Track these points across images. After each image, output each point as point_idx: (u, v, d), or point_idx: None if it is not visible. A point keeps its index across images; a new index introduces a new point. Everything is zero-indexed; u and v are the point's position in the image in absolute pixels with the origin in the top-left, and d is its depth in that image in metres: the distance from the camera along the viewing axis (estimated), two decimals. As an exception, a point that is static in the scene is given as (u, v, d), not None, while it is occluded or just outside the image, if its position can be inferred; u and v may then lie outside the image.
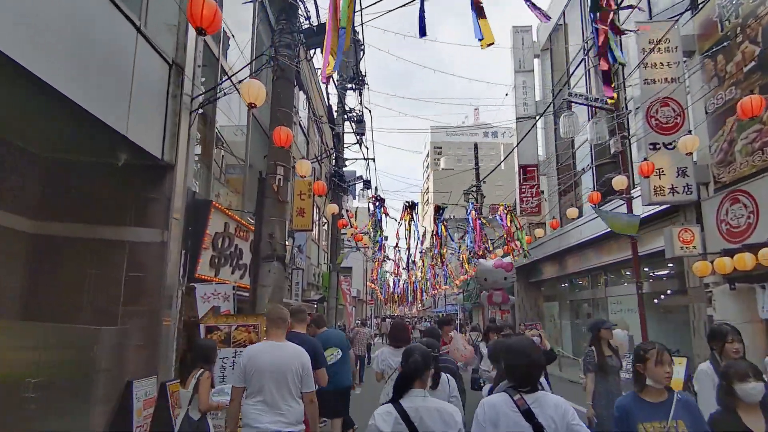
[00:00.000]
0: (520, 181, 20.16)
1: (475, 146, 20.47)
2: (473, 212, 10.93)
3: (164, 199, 5.34)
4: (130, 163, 5.30)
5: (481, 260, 5.70)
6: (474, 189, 20.48)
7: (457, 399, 3.27)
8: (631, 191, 12.01)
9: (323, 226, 16.80)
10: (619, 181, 7.44)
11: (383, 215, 10.56)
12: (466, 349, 5.40)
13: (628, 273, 12.98)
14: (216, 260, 6.64)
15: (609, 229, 12.01)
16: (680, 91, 7.56)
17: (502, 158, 18.21)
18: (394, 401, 2.22)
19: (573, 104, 9.64)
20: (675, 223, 8.41)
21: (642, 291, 7.81)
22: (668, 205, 7.95)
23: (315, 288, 16.86)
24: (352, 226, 12.03)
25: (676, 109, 7.50)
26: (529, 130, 18.91)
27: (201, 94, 5.77)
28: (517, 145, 18.75)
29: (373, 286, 32.40)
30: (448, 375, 3.40)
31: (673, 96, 7.52)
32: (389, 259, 26.51)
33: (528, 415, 2.07)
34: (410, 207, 10.17)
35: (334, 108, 12.51)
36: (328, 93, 11.37)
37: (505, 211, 10.90)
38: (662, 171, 7.32)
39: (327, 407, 4.68)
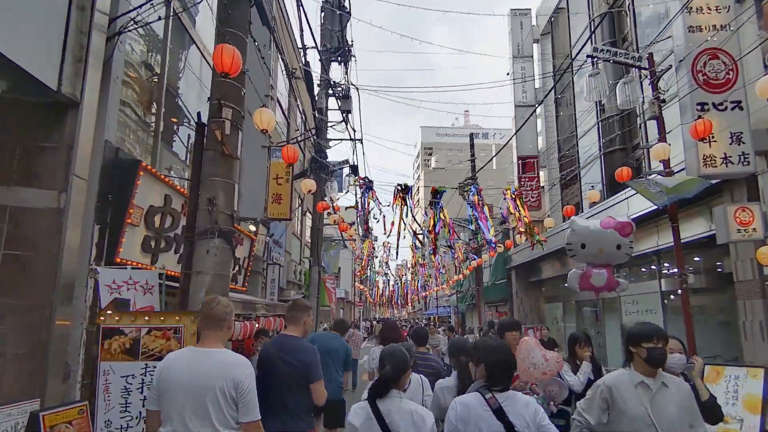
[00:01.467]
0: (518, 173, 18.89)
1: (471, 137, 19.13)
2: (476, 197, 9.48)
3: (63, 150, 3.80)
4: (12, 95, 3.77)
5: (575, 218, 4.45)
6: (469, 181, 19.08)
7: (431, 397, 3.18)
8: (648, 175, 10.75)
9: (304, 214, 15.25)
10: (659, 150, 6.06)
11: (371, 200, 9.08)
12: (551, 362, 3.13)
13: (644, 270, 11.65)
14: (152, 243, 5.10)
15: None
16: (732, 42, 6.26)
17: (499, 149, 16.87)
18: (369, 399, 2.25)
19: (599, 61, 8.30)
20: (717, 202, 7.06)
21: (686, 286, 6.44)
22: (717, 180, 6.59)
23: (296, 287, 15.30)
24: (335, 211, 10.49)
25: (728, 62, 6.20)
26: (529, 117, 17.65)
27: (124, 13, 4.25)
28: (515, 133, 17.45)
29: (361, 287, 30.85)
30: (421, 375, 3.36)
31: (723, 47, 6.22)
32: (378, 248, 24.92)
33: (499, 413, 2.12)
34: (403, 191, 8.69)
35: (316, 80, 11.02)
36: (304, 50, 9.90)
37: (513, 196, 9.49)
38: (712, 137, 5.98)
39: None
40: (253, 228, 9.17)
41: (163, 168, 6.34)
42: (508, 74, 18.57)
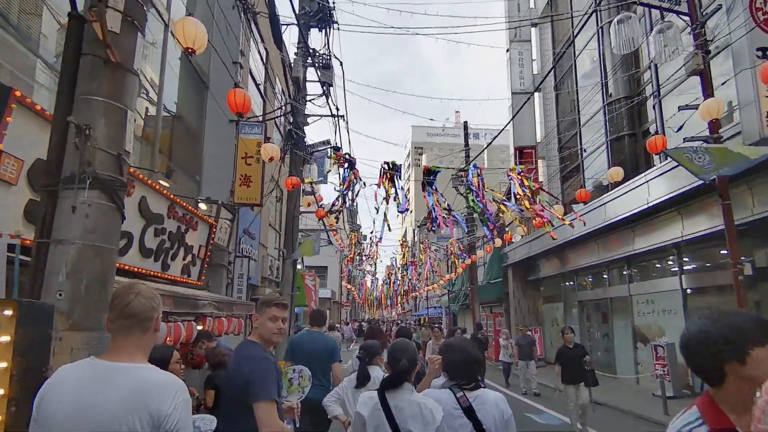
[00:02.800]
0: (516, 164, 17.70)
1: (465, 125, 17.90)
2: (476, 178, 8.19)
3: None
4: None
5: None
6: (464, 172, 17.83)
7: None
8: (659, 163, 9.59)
9: (279, 200, 13.82)
10: (710, 107, 4.81)
11: (353, 179, 7.75)
12: None
13: (658, 265, 10.46)
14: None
15: (634, 212, 9.52)
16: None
17: (495, 135, 15.61)
18: (380, 391, 2.25)
19: (626, 6, 7.06)
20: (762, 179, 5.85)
21: (742, 279, 5.19)
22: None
23: (273, 284, 13.89)
24: (313, 191, 9.10)
25: (794, 0, 4.99)
26: (527, 101, 16.48)
27: None
28: (512, 119, 16.22)
29: (349, 286, 29.45)
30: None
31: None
32: (365, 243, 23.52)
33: (469, 412, 2.12)
34: (391, 169, 7.38)
35: (293, 49, 9.67)
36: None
37: (519, 177, 8.23)
38: (774, 92, 4.76)
39: None
40: (203, 207, 7.76)
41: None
42: (508, 51, 17.35)
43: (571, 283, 14.75)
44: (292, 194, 9.60)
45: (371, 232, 14.30)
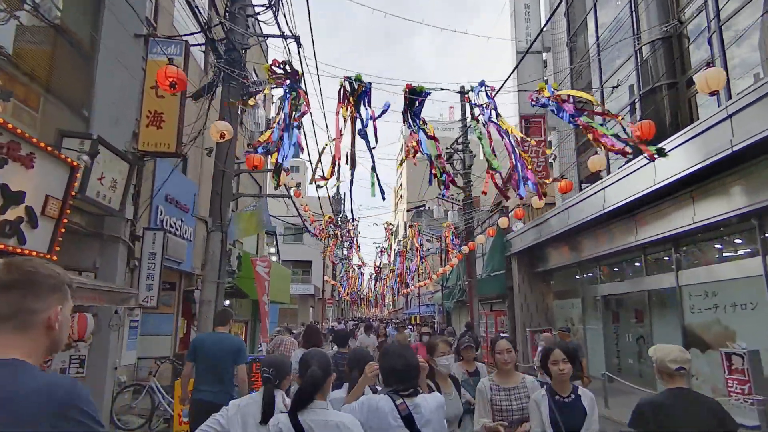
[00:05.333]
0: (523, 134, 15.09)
1: (462, 89, 15.21)
2: (486, 101, 5.47)
3: None
4: None
5: None
6: (460, 144, 15.22)
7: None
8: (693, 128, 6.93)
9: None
10: None
11: (297, 104, 5.05)
12: None
13: (719, 245, 7.83)
14: None
15: (677, 178, 6.95)
16: None
17: (495, 92, 13.00)
18: (290, 413, 1.98)
19: None
20: None
21: None
22: None
23: (229, 274, 11.19)
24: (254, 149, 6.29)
25: None
26: (523, 56, 13.93)
27: None
28: (510, 74, 13.61)
29: (333, 282, 26.74)
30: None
31: None
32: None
33: (408, 421, 2.04)
34: (354, 84, 4.70)
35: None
36: None
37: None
38: None
39: None
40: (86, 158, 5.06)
41: None
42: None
43: (590, 274, 12.13)
44: (222, 143, 6.89)
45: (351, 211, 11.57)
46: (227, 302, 11.94)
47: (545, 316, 14.01)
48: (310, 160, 11.84)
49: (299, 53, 9.83)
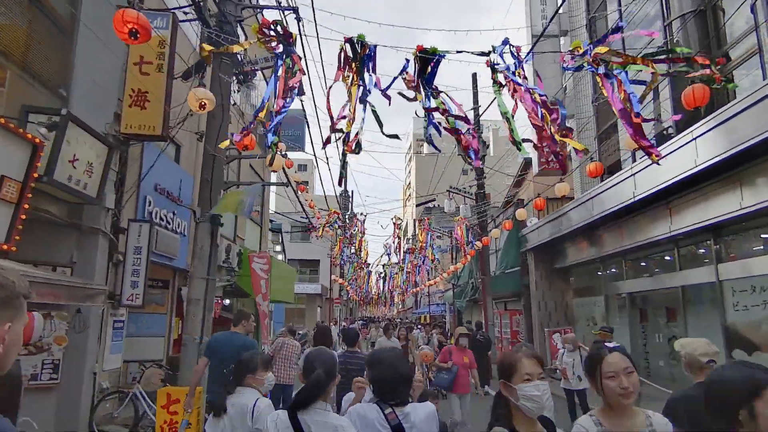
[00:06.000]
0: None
1: (474, 77, 14.47)
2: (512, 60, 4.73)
3: None
4: None
5: None
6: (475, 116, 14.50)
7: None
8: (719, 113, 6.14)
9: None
10: None
11: (289, 67, 4.37)
12: None
13: (762, 234, 7.00)
14: None
15: (725, 157, 6.17)
16: None
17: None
18: (291, 411, 2.02)
19: None
20: None
21: None
22: None
23: (227, 272, 10.58)
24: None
25: None
26: (537, 41, 13.16)
27: None
28: (528, 53, 12.82)
29: (340, 281, 26.12)
30: None
31: None
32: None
33: (397, 430, 1.97)
34: (357, 46, 4.00)
35: None
36: None
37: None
38: None
39: None
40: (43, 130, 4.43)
41: None
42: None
43: (614, 270, 11.32)
44: (212, 124, 6.23)
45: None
46: (227, 301, 11.32)
47: (564, 315, 13.21)
48: (315, 159, 11.15)
49: (299, 28, 9.14)
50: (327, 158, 31.07)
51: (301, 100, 8.06)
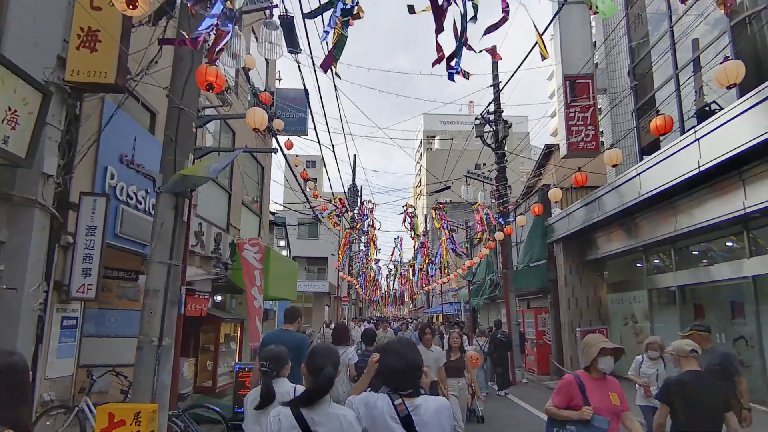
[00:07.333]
0: (565, 101, 12.93)
1: (493, 49, 13.09)
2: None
3: None
4: None
5: None
6: (491, 114, 13.15)
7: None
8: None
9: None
10: None
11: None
12: None
13: None
14: None
15: None
16: None
17: (530, 50, 10.83)
18: (294, 406, 1.99)
19: None
20: None
21: None
22: None
23: (217, 263, 9.37)
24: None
25: None
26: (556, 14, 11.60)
27: None
28: (549, 24, 11.40)
29: (350, 279, 24.88)
30: None
31: None
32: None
33: (407, 422, 1.95)
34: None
35: None
36: None
37: None
38: None
39: None
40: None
41: None
42: None
43: (659, 260, 9.90)
44: (179, 68, 5.00)
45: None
46: (218, 298, 10.09)
47: (598, 313, 11.80)
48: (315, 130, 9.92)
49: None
50: (335, 154, 29.76)
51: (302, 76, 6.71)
